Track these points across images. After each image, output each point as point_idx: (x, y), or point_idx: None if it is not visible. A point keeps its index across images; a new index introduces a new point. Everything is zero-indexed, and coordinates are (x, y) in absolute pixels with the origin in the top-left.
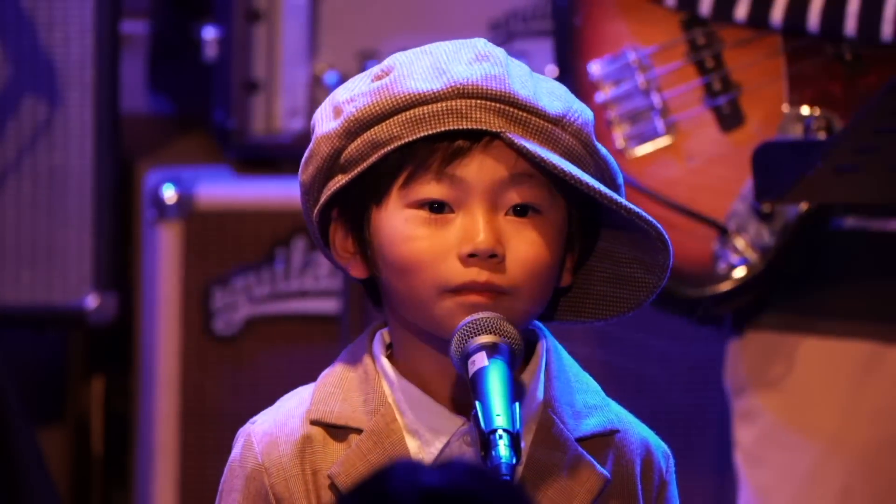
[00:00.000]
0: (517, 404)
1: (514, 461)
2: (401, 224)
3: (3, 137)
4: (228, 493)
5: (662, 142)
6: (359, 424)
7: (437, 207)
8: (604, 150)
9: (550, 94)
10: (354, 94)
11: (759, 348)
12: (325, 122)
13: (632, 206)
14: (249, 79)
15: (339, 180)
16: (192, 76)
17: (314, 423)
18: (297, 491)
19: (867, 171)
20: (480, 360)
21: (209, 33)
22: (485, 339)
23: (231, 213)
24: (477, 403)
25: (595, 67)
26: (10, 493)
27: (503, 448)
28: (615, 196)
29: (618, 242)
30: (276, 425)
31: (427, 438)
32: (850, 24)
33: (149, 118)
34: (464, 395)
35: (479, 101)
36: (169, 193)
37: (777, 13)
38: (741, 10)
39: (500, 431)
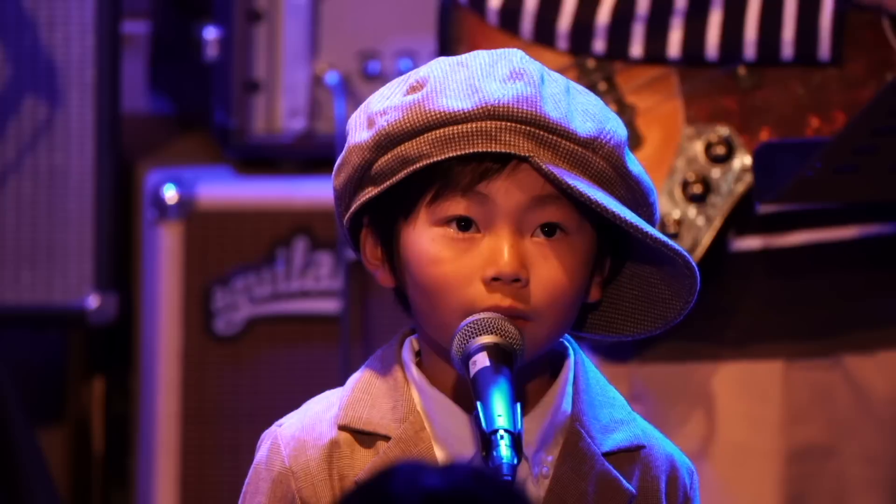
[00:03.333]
0: (518, 405)
1: (515, 461)
2: (427, 244)
3: (4, 137)
4: (253, 495)
5: None
6: (387, 432)
7: (463, 225)
8: (636, 170)
9: (584, 114)
10: (387, 105)
11: (664, 376)
12: (358, 131)
13: (658, 234)
14: (250, 79)
15: (369, 192)
16: (192, 76)
17: (342, 428)
18: (323, 496)
19: (866, 171)
20: (482, 360)
21: (210, 33)
22: (486, 339)
23: (232, 214)
24: (478, 404)
25: None
26: (10, 494)
27: (504, 448)
28: (641, 224)
29: (647, 264)
30: (304, 429)
31: (456, 448)
32: (750, 51)
33: (149, 118)
34: None
35: (508, 124)
36: (169, 193)
37: (674, 49)
38: (636, 49)
39: (501, 431)
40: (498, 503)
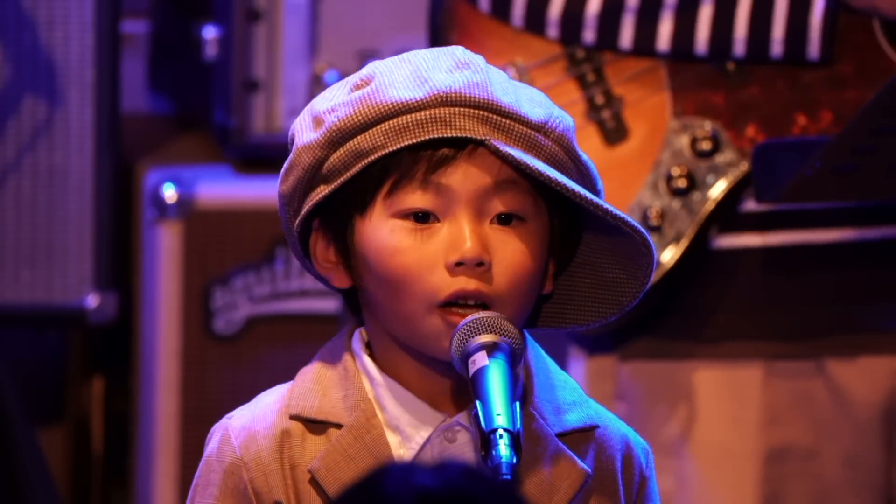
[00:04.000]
0: (517, 404)
1: (514, 461)
2: (386, 235)
3: (3, 137)
4: (204, 487)
5: None
6: (338, 419)
7: (422, 217)
8: (584, 156)
9: (531, 101)
10: (335, 103)
11: (645, 373)
12: (305, 132)
13: (617, 211)
14: (249, 78)
15: (322, 191)
16: (192, 76)
17: (293, 417)
18: (276, 485)
19: (865, 171)
20: (481, 359)
21: (209, 33)
22: (485, 338)
23: (231, 213)
24: (477, 403)
25: None
26: (10, 493)
27: (503, 447)
28: (601, 202)
29: (598, 248)
30: (255, 420)
31: (408, 434)
32: (739, 48)
33: (149, 117)
34: (444, 393)
35: (462, 109)
36: (169, 193)
37: (663, 43)
38: (625, 41)
39: (500, 431)
40: (492, 501)
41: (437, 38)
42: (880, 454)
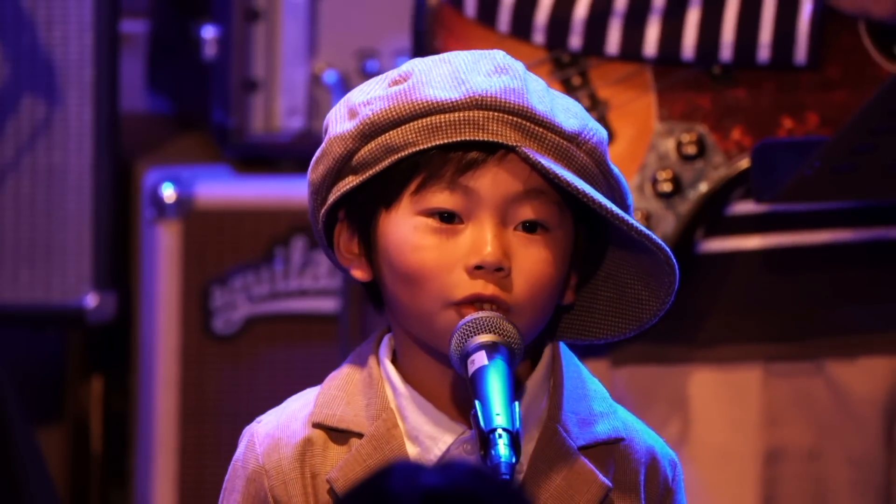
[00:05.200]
0: (517, 403)
1: (513, 460)
2: (409, 232)
3: (2, 136)
4: (230, 492)
5: None
6: (360, 429)
7: (446, 217)
8: (616, 170)
9: (566, 111)
10: (371, 97)
11: (641, 378)
12: (340, 122)
13: (642, 227)
14: (248, 78)
15: (350, 181)
16: (191, 75)
17: (316, 425)
18: (295, 494)
19: (865, 170)
20: (480, 359)
21: (208, 32)
22: (484, 338)
23: (230, 213)
24: (476, 403)
25: None
26: (10, 493)
27: (503, 447)
28: (627, 217)
29: (622, 263)
30: (279, 427)
31: (427, 445)
32: (726, 53)
33: (148, 117)
34: (464, 402)
35: (496, 114)
36: (168, 192)
37: (650, 48)
38: (612, 46)
39: (499, 430)
40: (497, 501)
41: (422, 42)
42: (880, 454)
